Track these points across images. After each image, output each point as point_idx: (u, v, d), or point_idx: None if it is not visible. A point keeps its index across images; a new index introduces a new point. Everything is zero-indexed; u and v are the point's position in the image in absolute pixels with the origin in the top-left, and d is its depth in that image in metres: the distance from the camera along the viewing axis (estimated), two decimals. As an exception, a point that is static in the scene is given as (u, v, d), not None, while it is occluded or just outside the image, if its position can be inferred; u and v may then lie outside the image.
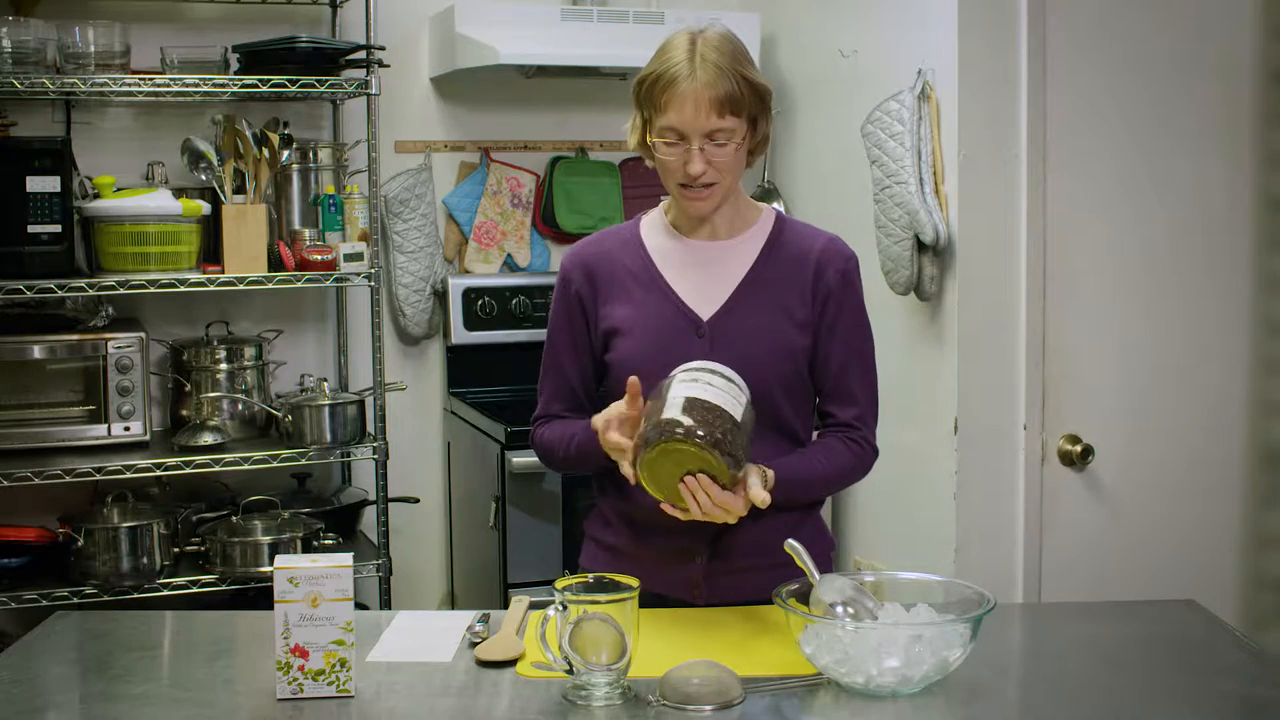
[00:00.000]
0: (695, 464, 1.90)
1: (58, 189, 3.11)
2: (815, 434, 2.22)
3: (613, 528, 2.19)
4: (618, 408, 2.01)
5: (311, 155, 3.56)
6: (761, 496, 1.94)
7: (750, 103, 2.06)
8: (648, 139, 2.11)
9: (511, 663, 1.90)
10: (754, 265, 2.16)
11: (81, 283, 3.15)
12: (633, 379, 1.99)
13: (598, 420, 2.03)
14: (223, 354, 3.48)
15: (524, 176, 3.93)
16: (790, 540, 1.95)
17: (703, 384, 1.93)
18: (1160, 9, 3.05)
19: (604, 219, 3.88)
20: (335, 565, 1.78)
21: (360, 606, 2.70)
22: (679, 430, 1.87)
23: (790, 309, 2.14)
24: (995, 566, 3.06)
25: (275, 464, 3.33)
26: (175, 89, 3.24)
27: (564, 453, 2.18)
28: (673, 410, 1.90)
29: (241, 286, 3.29)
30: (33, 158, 3.11)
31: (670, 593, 2.13)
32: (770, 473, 2.03)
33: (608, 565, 2.12)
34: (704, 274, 2.16)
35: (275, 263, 3.39)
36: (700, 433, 1.87)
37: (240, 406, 3.48)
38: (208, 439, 3.31)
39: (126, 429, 3.26)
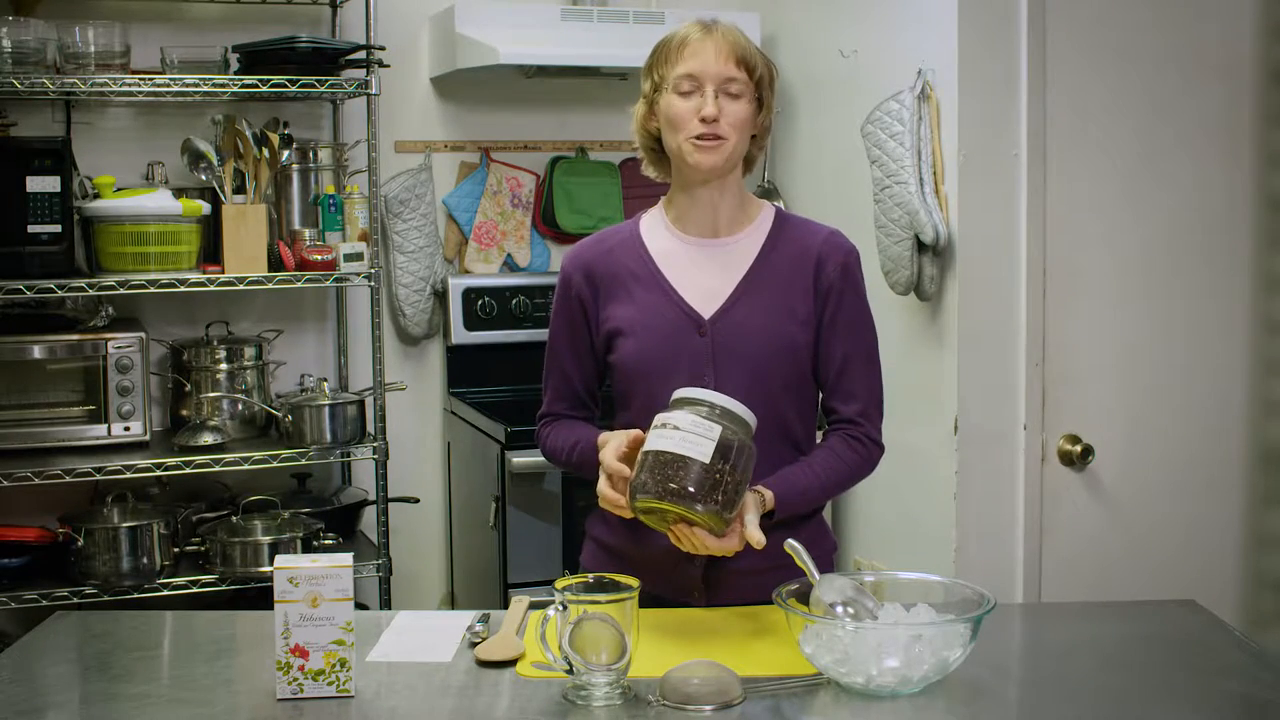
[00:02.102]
0: (675, 516, 1.91)
1: (58, 189, 3.11)
2: (819, 432, 2.22)
3: (613, 528, 2.19)
4: (621, 442, 2.00)
5: (311, 155, 3.56)
6: (757, 538, 1.94)
7: (761, 68, 2.11)
8: (659, 101, 2.11)
9: (511, 663, 1.90)
10: (755, 262, 2.16)
11: (81, 283, 3.15)
12: (635, 433, 1.99)
13: (605, 454, 2.01)
14: (223, 354, 3.48)
15: (524, 176, 3.93)
16: (790, 540, 1.95)
17: (669, 430, 1.89)
18: (1160, 9, 3.05)
19: (604, 219, 3.88)
20: (335, 565, 1.78)
21: (360, 606, 2.69)
22: (643, 493, 1.89)
23: (792, 306, 2.14)
24: (995, 566, 3.06)
25: (275, 464, 3.33)
26: (175, 89, 3.24)
27: (564, 458, 2.20)
28: (639, 469, 1.90)
29: (241, 286, 3.29)
30: (33, 158, 3.10)
31: (670, 593, 2.13)
32: (769, 494, 2.03)
33: (608, 565, 2.12)
34: (705, 272, 2.16)
35: (275, 263, 3.39)
36: (659, 490, 1.87)
37: (240, 406, 3.47)
38: (208, 439, 3.31)
39: (126, 429, 3.26)
